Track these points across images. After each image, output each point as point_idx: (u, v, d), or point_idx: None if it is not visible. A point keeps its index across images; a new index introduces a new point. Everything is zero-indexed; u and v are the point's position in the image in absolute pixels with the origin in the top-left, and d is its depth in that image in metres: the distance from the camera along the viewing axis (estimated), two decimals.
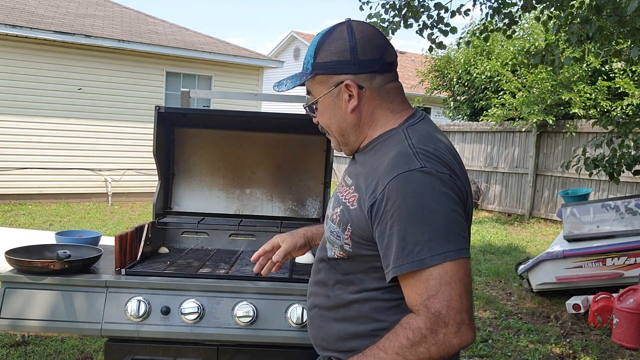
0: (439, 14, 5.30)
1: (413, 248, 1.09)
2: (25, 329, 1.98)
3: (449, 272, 1.09)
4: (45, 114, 9.29)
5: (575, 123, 9.25)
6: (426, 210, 1.10)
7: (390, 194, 1.13)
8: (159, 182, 2.58)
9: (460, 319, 1.08)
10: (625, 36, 4.46)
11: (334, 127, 1.34)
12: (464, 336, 1.09)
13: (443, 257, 1.08)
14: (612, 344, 4.23)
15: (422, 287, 1.10)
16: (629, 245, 4.72)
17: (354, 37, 1.25)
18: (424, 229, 1.09)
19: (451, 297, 1.08)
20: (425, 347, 1.09)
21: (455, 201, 1.14)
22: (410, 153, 1.17)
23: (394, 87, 1.31)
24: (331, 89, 1.28)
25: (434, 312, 1.08)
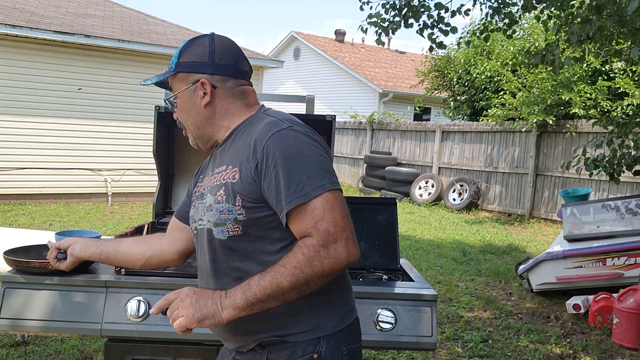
0: (439, 13, 5.30)
1: (297, 186, 1.27)
2: (25, 329, 1.98)
3: (330, 201, 1.28)
4: (45, 114, 9.28)
5: (575, 123, 9.25)
6: (301, 155, 1.30)
7: (268, 151, 1.30)
8: (158, 182, 2.58)
9: (346, 236, 1.26)
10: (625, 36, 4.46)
11: (190, 120, 1.49)
12: (351, 250, 1.26)
13: (322, 188, 1.27)
14: (612, 344, 4.23)
15: (310, 216, 1.26)
16: (629, 245, 4.72)
17: (214, 44, 1.46)
18: (303, 170, 1.28)
19: (335, 219, 1.26)
20: (318, 261, 1.23)
21: (322, 149, 1.36)
22: (277, 120, 1.38)
23: (247, 89, 1.51)
24: (189, 85, 1.46)
25: (324, 230, 1.25)
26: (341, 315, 1.41)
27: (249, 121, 1.45)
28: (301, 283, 1.24)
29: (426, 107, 17.65)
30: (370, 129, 13.83)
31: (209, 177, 1.48)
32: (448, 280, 5.81)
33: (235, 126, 1.47)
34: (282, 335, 1.35)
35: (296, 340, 1.35)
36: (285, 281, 1.23)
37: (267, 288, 1.24)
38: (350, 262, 1.26)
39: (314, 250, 1.23)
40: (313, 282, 1.25)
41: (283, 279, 1.23)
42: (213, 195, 1.39)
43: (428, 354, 3.88)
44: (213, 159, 1.52)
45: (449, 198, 11.11)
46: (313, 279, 1.24)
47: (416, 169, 12.23)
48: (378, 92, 17.45)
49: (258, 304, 1.25)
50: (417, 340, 1.96)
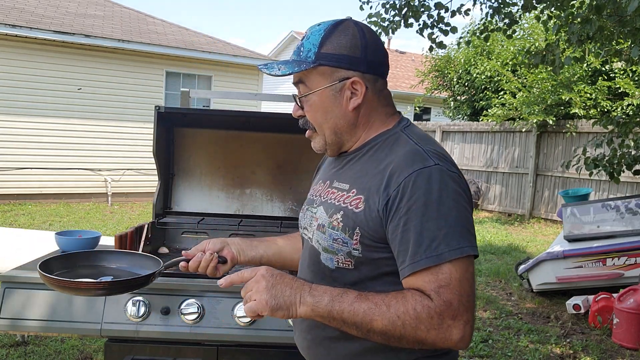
0: (439, 13, 5.30)
1: (430, 243, 1.07)
2: (25, 329, 1.98)
3: (461, 269, 1.07)
4: (45, 114, 9.28)
5: (575, 123, 9.25)
6: (442, 206, 1.09)
7: (405, 190, 1.10)
8: (158, 182, 2.57)
9: (467, 318, 1.06)
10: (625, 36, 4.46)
11: (327, 124, 1.26)
12: (466, 336, 1.06)
13: (458, 252, 1.06)
14: (612, 344, 4.23)
15: (433, 277, 1.07)
16: (629, 245, 4.72)
17: (365, 36, 1.22)
18: (440, 224, 1.07)
19: (462, 294, 1.06)
20: (425, 327, 1.05)
21: (466, 200, 1.13)
22: (422, 151, 1.16)
23: (388, 93, 1.30)
24: (334, 83, 1.22)
25: (446, 300, 1.05)
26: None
27: (385, 137, 1.24)
28: (394, 335, 1.07)
29: (426, 107, 17.64)
30: None
31: (325, 187, 1.32)
32: None
33: (369, 139, 1.26)
34: None
35: None
36: (379, 322, 1.07)
37: (357, 315, 1.08)
38: (458, 348, 1.08)
39: (427, 313, 1.04)
40: (406, 341, 1.07)
41: (380, 318, 1.06)
42: (328, 216, 1.23)
43: None
44: (335, 166, 1.34)
45: None
46: (408, 339, 1.07)
47: None
48: None
49: (338, 323, 1.10)
50: None
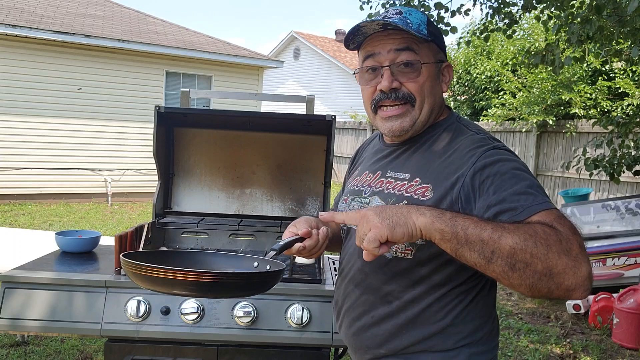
0: (439, 13, 5.29)
1: (536, 195, 1.05)
2: (25, 329, 1.98)
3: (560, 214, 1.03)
4: (45, 114, 9.28)
5: (575, 123, 9.25)
6: (521, 172, 1.10)
7: (483, 169, 1.10)
8: (158, 182, 2.57)
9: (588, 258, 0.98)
10: (625, 36, 4.46)
11: (430, 98, 1.24)
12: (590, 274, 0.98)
13: (551, 205, 1.04)
14: (612, 344, 4.23)
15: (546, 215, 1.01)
16: (629, 245, 4.72)
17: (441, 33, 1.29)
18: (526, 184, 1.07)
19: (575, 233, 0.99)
20: (557, 250, 0.93)
21: None
22: (484, 137, 1.21)
23: None
24: (436, 62, 1.25)
25: (570, 228, 0.98)
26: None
27: (443, 127, 1.26)
28: (523, 256, 0.93)
29: None
30: (370, 129, 13.82)
31: (375, 177, 1.31)
32: None
33: (427, 128, 1.27)
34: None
35: None
36: (510, 239, 0.94)
37: (485, 230, 0.96)
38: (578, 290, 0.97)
39: (556, 236, 0.94)
40: (531, 270, 0.94)
41: (510, 235, 0.94)
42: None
43: None
44: (385, 158, 1.32)
45: None
46: (537, 265, 0.93)
47: None
48: None
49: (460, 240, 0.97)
50: None
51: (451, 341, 1.20)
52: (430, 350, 1.21)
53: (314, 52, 19.88)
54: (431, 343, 1.21)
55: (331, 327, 1.95)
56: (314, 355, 1.98)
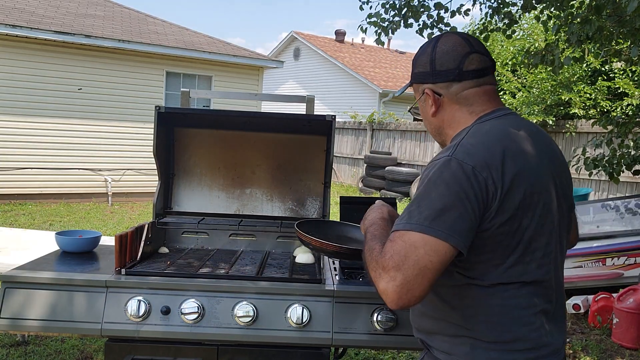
0: (439, 13, 5.29)
1: (402, 216, 1.28)
2: (25, 329, 1.98)
3: (411, 239, 1.22)
4: (45, 114, 9.28)
5: (575, 123, 9.25)
6: (424, 191, 1.27)
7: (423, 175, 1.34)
8: (159, 182, 2.58)
9: (393, 275, 1.20)
10: (625, 36, 4.46)
11: (429, 128, 1.54)
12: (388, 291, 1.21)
13: (410, 227, 1.23)
14: (612, 343, 4.23)
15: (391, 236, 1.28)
16: (629, 245, 4.72)
17: (435, 51, 1.44)
18: (416, 205, 1.26)
19: (399, 253, 1.21)
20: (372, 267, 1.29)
21: (458, 193, 1.23)
22: (453, 145, 1.33)
23: (474, 92, 1.42)
24: (420, 95, 1.49)
25: (384, 251, 1.25)
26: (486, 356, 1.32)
27: (458, 135, 1.40)
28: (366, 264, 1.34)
29: None
30: (370, 129, 13.82)
31: None
32: None
33: (452, 136, 1.44)
34: (429, 346, 1.44)
35: (437, 356, 1.40)
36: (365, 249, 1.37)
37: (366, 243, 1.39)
38: (383, 299, 1.24)
39: (375, 255, 1.29)
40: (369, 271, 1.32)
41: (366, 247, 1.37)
42: None
43: None
44: None
45: None
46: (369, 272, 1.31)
47: (416, 169, 12.23)
48: (378, 92, 17.44)
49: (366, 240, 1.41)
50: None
51: (453, 330, 1.36)
52: (440, 334, 1.40)
53: (314, 52, 19.88)
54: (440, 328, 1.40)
55: (331, 327, 1.95)
56: (314, 355, 1.98)
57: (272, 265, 2.32)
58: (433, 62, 1.42)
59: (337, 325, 1.96)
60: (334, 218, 2.42)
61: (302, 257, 2.41)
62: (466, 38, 1.45)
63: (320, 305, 1.97)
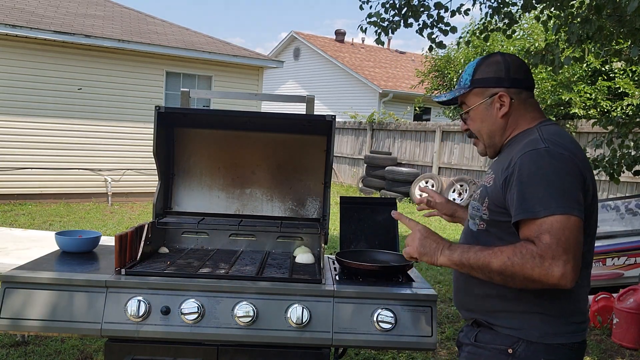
0: (439, 13, 5.29)
1: (529, 203, 1.39)
2: (25, 329, 1.98)
3: (560, 222, 1.35)
4: (45, 114, 9.28)
5: (575, 123, 9.25)
6: (543, 175, 1.40)
7: (516, 167, 1.46)
8: (159, 182, 2.58)
9: (566, 258, 1.33)
10: (625, 36, 4.46)
11: (484, 130, 1.68)
12: (568, 273, 1.32)
13: (553, 210, 1.36)
14: (612, 343, 4.23)
15: (536, 228, 1.37)
16: (629, 245, 4.72)
17: (507, 60, 1.64)
18: (539, 189, 1.40)
19: (560, 238, 1.33)
20: (530, 265, 1.34)
21: (571, 174, 1.41)
22: (539, 139, 1.50)
23: (534, 101, 1.66)
24: (486, 99, 1.64)
25: (545, 243, 1.34)
26: (553, 331, 1.51)
27: (523, 134, 1.60)
28: (507, 273, 1.39)
29: (426, 107, 17.64)
30: (370, 129, 13.82)
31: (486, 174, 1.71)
32: (448, 280, 5.81)
33: (514, 135, 1.63)
34: (492, 324, 1.58)
35: (501, 332, 1.55)
36: (495, 264, 1.41)
37: (479, 260, 1.44)
38: (561, 285, 1.34)
39: (530, 254, 1.35)
40: (518, 279, 1.39)
41: (495, 261, 1.41)
42: (476, 193, 1.66)
43: (428, 354, 3.88)
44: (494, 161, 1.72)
45: (449, 198, 11.09)
46: (519, 277, 1.38)
47: (416, 169, 12.23)
48: (378, 92, 17.44)
49: (468, 268, 1.48)
50: (417, 340, 1.96)
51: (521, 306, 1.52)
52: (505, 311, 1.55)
53: (314, 52, 19.88)
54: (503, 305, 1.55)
55: (331, 327, 1.95)
56: (314, 355, 1.98)
57: (272, 265, 2.32)
58: (508, 70, 1.61)
59: (337, 325, 1.95)
60: (334, 218, 2.43)
61: (302, 257, 2.41)
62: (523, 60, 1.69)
63: (320, 305, 1.97)
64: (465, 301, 1.68)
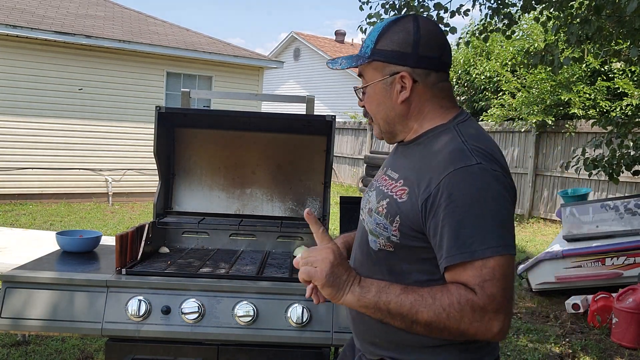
0: (439, 14, 5.30)
1: (465, 240, 1.12)
2: (25, 329, 1.99)
3: (502, 266, 1.11)
4: (45, 114, 9.29)
5: (574, 123, 9.26)
6: (482, 205, 1.13)
7: (444, 188, 1.15)
8: (159, 182, 2.58)
9: (508, 311, 1.11)
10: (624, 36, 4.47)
11: (380, 114, 1.34)
12: (504, 327, 1.11)
13: (495, 251, 1.11)
14: (612, 343, 4.24)
15: (476, 272, 1.11)
16: (628, 245, 4.73)
17: (419, 32, 1.27)
18: (476, 223, 1.12)
19: (504, 287, 1.11)
20: (469, 319, 1.10)
21: (507, 199, 1.16)
22: (466, 150, 1.19)
23: (446, 86, 1.32)
24: (385, 77, 1.29)
25: (490, 294, 1.10)
26: None
27: (438, 131, 1.28)
28: (437, 326, 1.13)
29: None
30: (370, 129, 13.83)
31: (382, 173, 1.39)
32: None
33: (423, 131, 1.31)
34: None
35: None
36: (425, 314, 1.13)
37: (404, 306, 1.14)
38: (495, 340, 1.14)
39: (470, 307, 1.10)
40: (448, 332, 1.13)
41: (425, 310, 1.13)
42: (377, 202, 1.30)
43: None
44: (394, 155, 1.41)
45: None
46: (452, 331, 1.13)
47: None
48: None
49: (383, 313, 1.16)
50: None
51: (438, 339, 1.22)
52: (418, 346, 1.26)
53: (314, 53, 19.89)
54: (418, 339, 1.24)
55: (331, 327, 1.96)
56: (314, 354, 1.99)
57: (272, 265, 2.33)
58: (417, 44, 1.25)
59: (337, 325, 1.96)
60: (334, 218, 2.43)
61: None
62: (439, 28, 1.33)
63: (320, 305, 1.97)
64: (368, 333, 1.34)
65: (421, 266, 1.23)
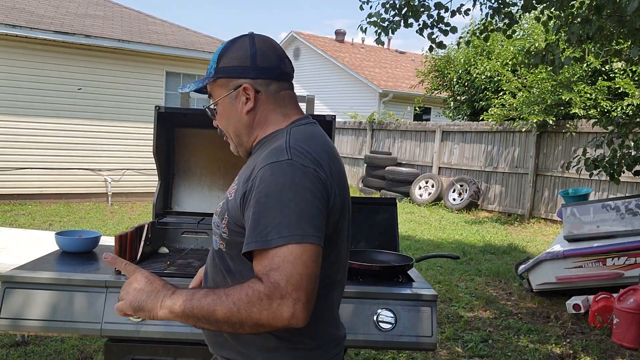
0: (439, 13, 5.30)
1: (263, 230, 1.17)
2: (25, 329, 1.98)
3: (293, 253, 1.14)
4: (45, 114, 9.29)
5: (575, 123, 9.25)
6: (281, 196, 1.18)
7: (255, 182, 1.22)
8: (159, 182, 2.58)
9: (297, 296, 1.13)
10: (625, 36, 4.46)
11: (230, 128, 1.42)
12: (297, 313, 1.13)
13: (287, 239, 1.15)
14: (612, 344, 4.23)
15: (267, 262, 1.16)
16: (629, 245, 4.72)
17: (255, 46, 1.36)
18: (275, 213, 1.17)
19: (291, 274, 1.13)
20: (258, 309, 1.13)
21: (313, 193, 1.20)
22: (283, 147, 1.26)
23: (288, 94, 1.40)
24: (230, 91, 1.37)
25: (273, 282, 1.13)
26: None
27: (272, 136, 1.36)
28: (235, 322, 1.15)
29: (426, 107, 17.65)
30: (370, 129, 13.83)
31: None
32: (448, 280, 5.81)
33: (261, 138, 1.39)
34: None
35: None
36: (220, 311, 1.16)
37: (203, 308, 1.17)
38: (292, 325, 1.14)
39: (257, 296, 1.13)
40: (247, 326, 1.15)
41: (220, 308, 1.16)
42: (219, 205, 1.39)
43: (428, 354, 3.88)
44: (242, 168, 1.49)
45: (449, 198, 11.11)
46: (247, 323, 1.15)
47: (416, 169, 12.24)
48: (378, 92, 17.45)
49: (193, 320, 1.19)
50: (417, 340, 1.96)
51: (271, 342, 1.27)
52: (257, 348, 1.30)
53: (314, 52, 19.89)
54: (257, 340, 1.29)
55: None
56: None
57: None
58: (254, 57, 1.35)
59: None
60: None
61: None
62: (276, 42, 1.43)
63: None
64: (212, 333, 1.38)
65: (249, 263, 1.24)
